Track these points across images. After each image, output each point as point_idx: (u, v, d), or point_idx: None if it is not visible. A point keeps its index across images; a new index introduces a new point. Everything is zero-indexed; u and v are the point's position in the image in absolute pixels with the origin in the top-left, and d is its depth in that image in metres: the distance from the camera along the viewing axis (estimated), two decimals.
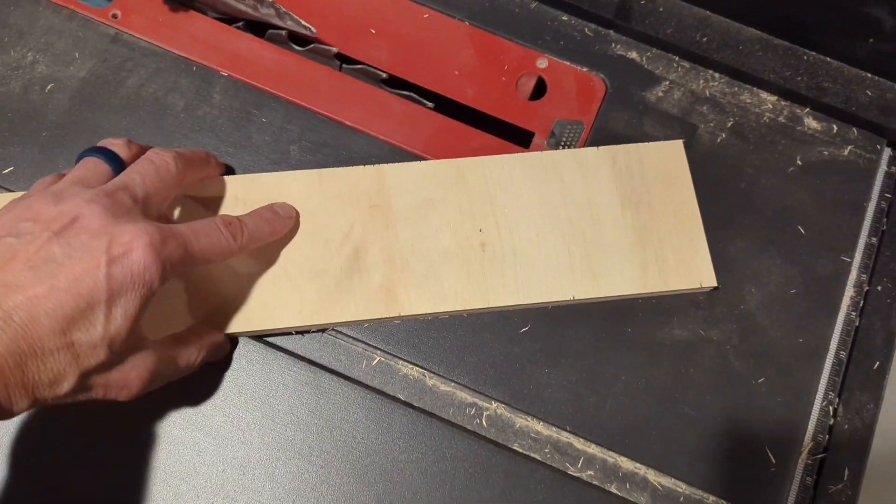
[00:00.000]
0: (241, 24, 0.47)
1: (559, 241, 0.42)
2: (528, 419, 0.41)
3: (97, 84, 0.45)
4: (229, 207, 0.42)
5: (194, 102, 0.45)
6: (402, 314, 0.41)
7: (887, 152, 0.48)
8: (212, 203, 0.42)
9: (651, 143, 0.45)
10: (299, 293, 0.41)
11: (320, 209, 0.42)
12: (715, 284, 0.43)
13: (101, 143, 0.38)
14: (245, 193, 0.42)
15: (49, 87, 0.45)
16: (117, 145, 0.38)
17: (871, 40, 0.45)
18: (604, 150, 0.44)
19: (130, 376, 0.33)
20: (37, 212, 0.33)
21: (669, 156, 0.45)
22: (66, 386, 0.31)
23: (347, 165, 0.44)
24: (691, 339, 0.43)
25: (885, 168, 0.48)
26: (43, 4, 0.47)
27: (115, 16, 0.46)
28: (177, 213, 0.41)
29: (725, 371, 0.42)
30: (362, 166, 0.43)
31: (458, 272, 0.42)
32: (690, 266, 0.43)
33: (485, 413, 0.41)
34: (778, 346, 0.43)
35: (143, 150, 0.39)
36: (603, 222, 0.43)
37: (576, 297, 0.42)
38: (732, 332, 0.43)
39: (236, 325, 0.40)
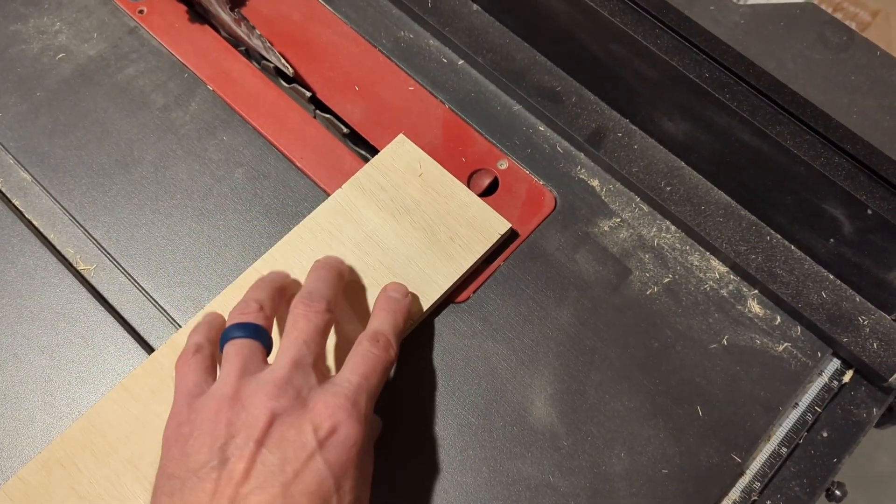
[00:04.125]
0: (244, 49, 0.51)
1: (373, 285, 0.42)
2: None
3: (100, 65, 0.49)
4: None
5: (172, 105, 0.48)
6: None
7: (833, 363, 0.44)
8: None
9: (381, 153, 0.46)
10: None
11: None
12: (508, 226, 0.44)
13: (236, 317, 0.36)
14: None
15: (60, 56, 0.50)
16: (254, 314, 0.36)
17: (832, 240, 0.41)
18: (348, 186, 0.44)
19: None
20: (230, 425, 0.32)
21: (401, 152, 0.46)
22: None
23: (281, 199, 0.46)
24: (538, 482, 0.40)
25: (826, 380, 0.43)
26: None
27: (141, 11, 0.51)
28: None
29: None
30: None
31: None
32: (480, 226, 0.44)
33: None
34: None
35: (275, 302, 0.38)
36: (392, 243, 0.43)
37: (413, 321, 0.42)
38: (582, 491, 0.40)
39: None
